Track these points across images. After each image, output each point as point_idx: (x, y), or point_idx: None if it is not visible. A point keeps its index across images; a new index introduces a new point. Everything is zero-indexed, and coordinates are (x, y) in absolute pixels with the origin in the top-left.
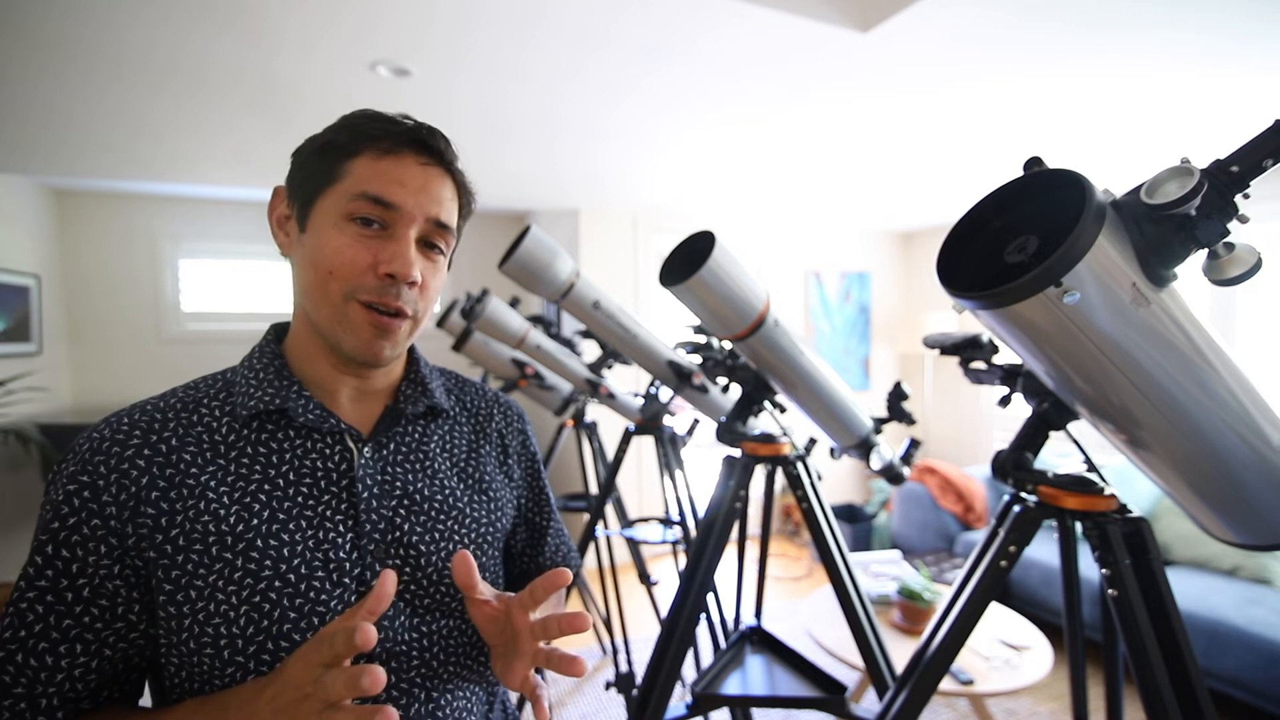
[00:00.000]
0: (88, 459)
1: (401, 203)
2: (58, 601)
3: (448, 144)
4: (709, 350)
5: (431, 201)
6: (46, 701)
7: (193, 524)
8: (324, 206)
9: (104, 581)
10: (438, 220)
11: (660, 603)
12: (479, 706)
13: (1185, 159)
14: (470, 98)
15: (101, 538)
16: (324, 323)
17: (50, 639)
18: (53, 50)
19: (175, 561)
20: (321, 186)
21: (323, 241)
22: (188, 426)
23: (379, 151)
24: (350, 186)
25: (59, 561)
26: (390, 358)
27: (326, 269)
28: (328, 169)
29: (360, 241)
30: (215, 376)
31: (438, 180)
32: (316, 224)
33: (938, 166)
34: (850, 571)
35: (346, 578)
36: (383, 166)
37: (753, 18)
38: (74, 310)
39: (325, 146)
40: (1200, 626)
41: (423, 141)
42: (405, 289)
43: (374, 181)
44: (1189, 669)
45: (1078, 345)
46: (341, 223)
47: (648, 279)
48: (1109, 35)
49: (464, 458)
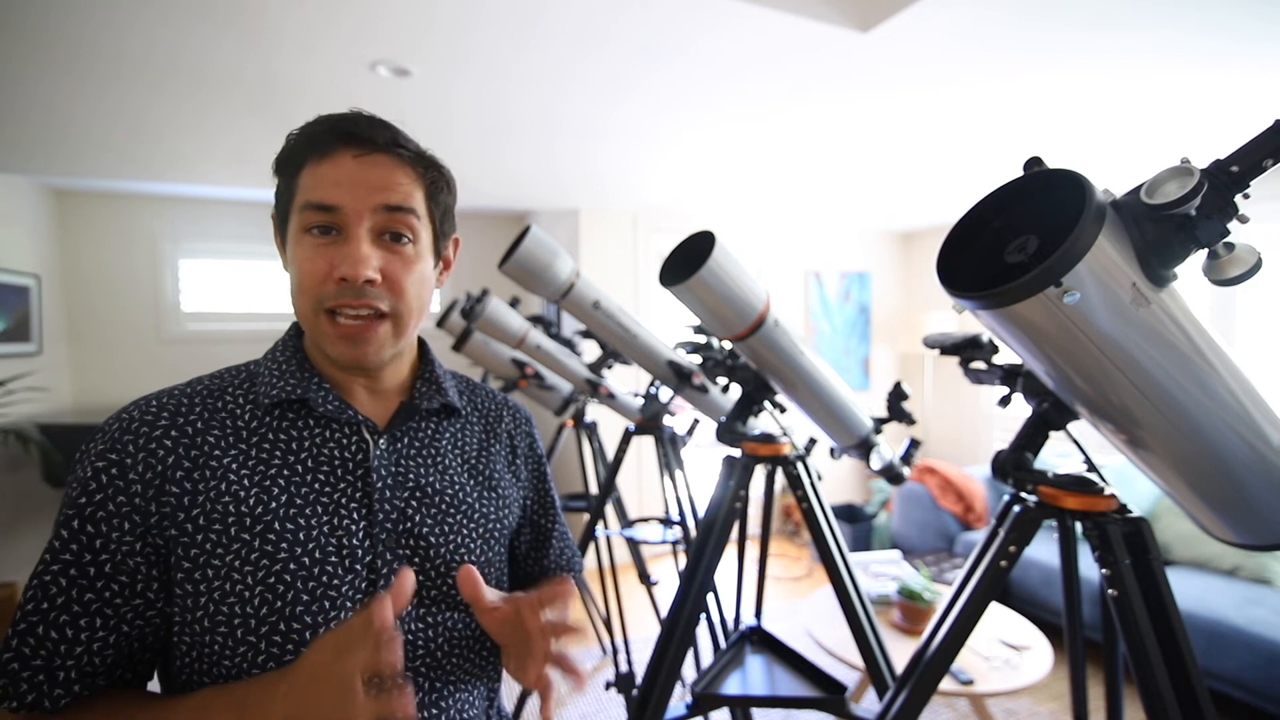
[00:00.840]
0: (117, 438)
1: (340, 202)
2: (80, 575)
3: (382, 127)
4: (709, 350)
5: (374, 191)
6: (64, 674)
7: (213, 504)
8: (291, 224)
9: (125, 558)
10: (387, 205)
11: (660, 603)
12: (480, 701)
13: (1185, 159)
14: (470, 98)
15: (126, 514)
16: (309, 335)
17: (71, 611)
18: (53, 50)
19: (195, 540)
20: (287, 206)
21: (292, 259)
22: (213, 412)
23: (317, 157)
24: (299, 200)
25: (84, 536)
26: (379, 360)
27: (296, 285)
28: (287, 185)
29: (317, 251)
30: (239, 367)
31: (380, 168)
32: (289, 242)
33: (938, 166)
34: (850, 571)
35: (358, 564)
36: (321, 171)
37: (753, 18)
38: (74, 310)
39: (281, 166)
40: (1200, 626)
41: (350, 133)
42: (366, 288)
43: (314, 189)
44: (1189, 669)
45: (1078, 345)
46: (300, 236)
47: (648, 279)
48: (1109, 35)
49: (474, 455)
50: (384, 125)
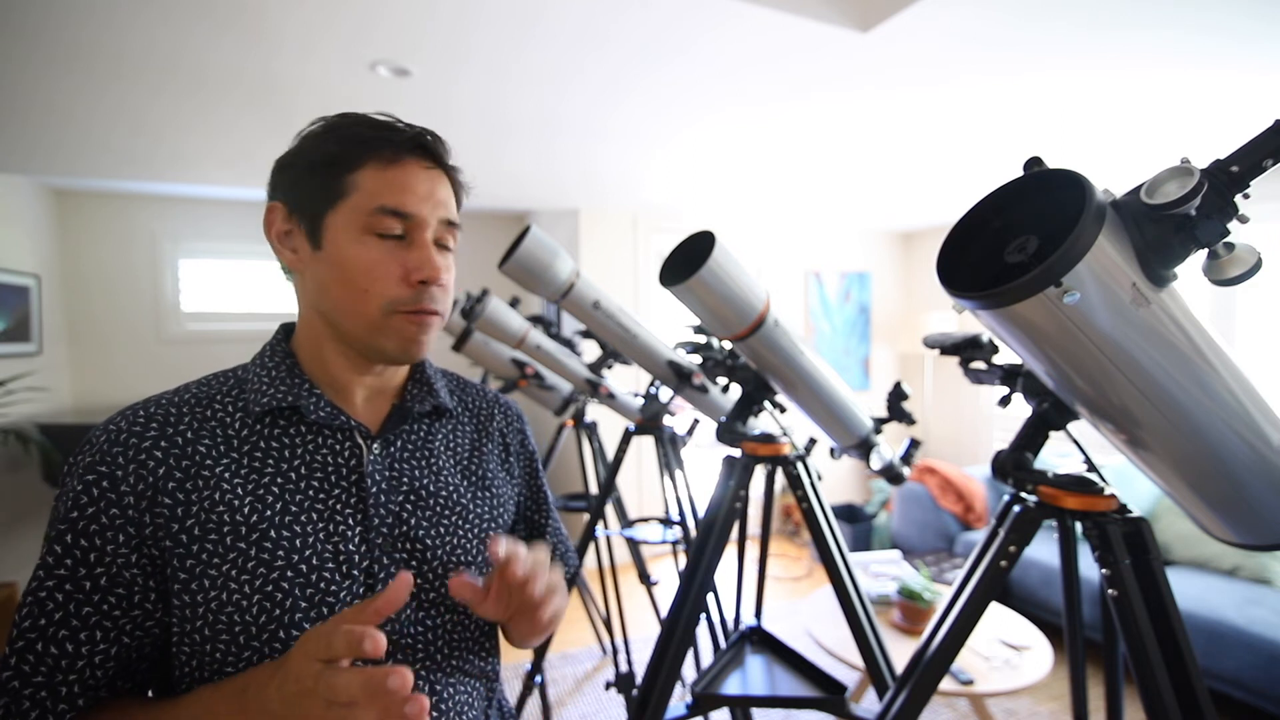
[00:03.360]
0: (106, 450)
1: (417, 211)
2: (76, 590)
3: (444, 145)
4: (709, 350)
5: (439, 205)
6: (67, 690)
7: (208, 514)
8: (337, 222)
9: (121, 570)
10: (448, 221)
11: (660, 603)
12: (479, 701)
13: (1185, 159)
14: (470, 98)
15: (120, 527)
16: (359, 332)
17: (71, 626)
18: (53, 50)
19: (190, 551)
20: (330, 201)
21: (349, 258)
22: (202, 420)
23: (383, 161)
24: (363, 201)
25: (78, 550)
26: (424, 353)
27: (361, 286)
28: (332, 183)
29: (389, 254)
30: (226, 374)
31: (440, 183)
32: (334, 240)
33: (938, 166)
34: (850, 571)
35: (355, 570)
36: (390, 176)
37: (753, 18)
38: (74, 310)
39: (324, 160)
40: (1200, 626)
41: (425, 147)
42: (435, 290)
43: (387, 194)
44: (1189, 669)
45: (1078, 345)
46: (364, 237)
47: (648, 279)
48: (1109, 35)
49: (467, 455)
50: (443, 142)
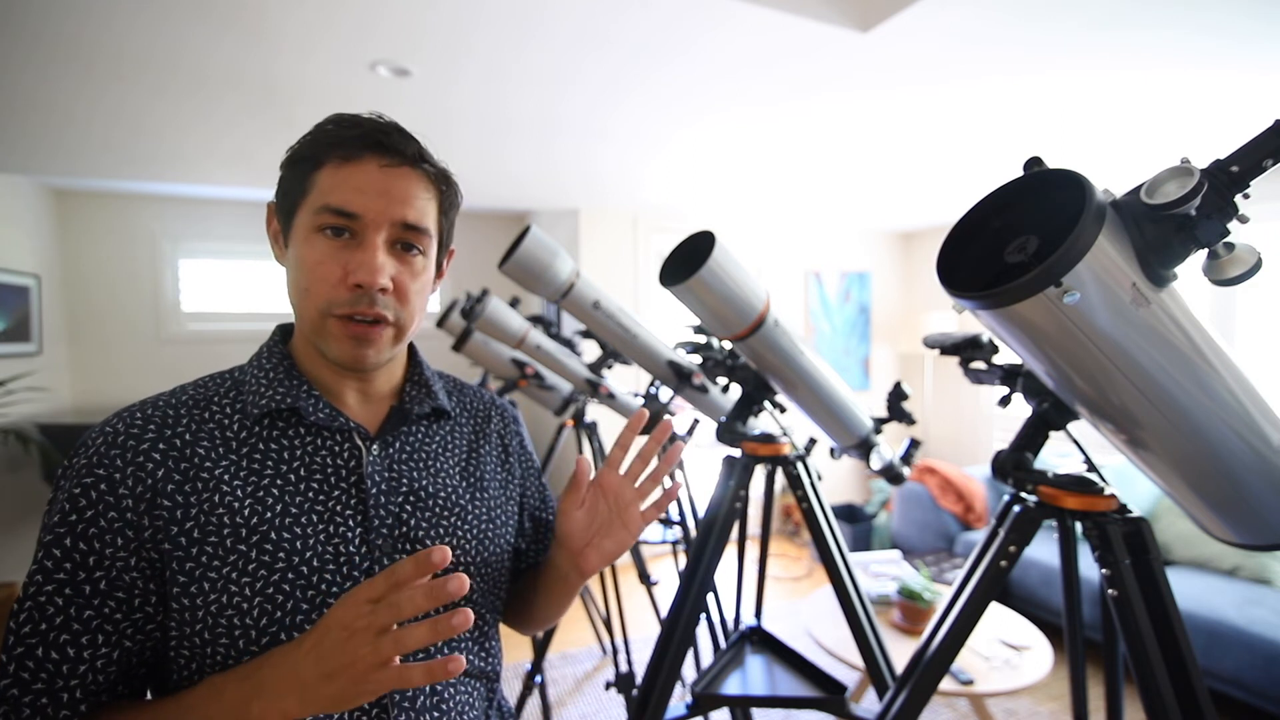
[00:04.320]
0: (103, 452)
1: (362, 210)
2: (76, 594)
3: (410, 140)
4: (709, 350)
5: (395, 204)
6: (69, 695)
7: (207, 517)
8: (299, 221)
9: (121, 574)
10: (404, 223)
11: (660, 603)
12: (479, 702)
13: (1185, 159)
14: (470, 98)
15: (119, 530)
16: (308, 334)
17: (71, 630)
18: (53, 50)
19: (190, 554)
20: (296, 201)
21: (299, 257)
22: (200, 422)
23: (340, 159)
24: (315, 199)
25: (76, 554)
26: (376, 362)
27: (303, 285)
28: (299, 183)
29: (330, 254)
30: (223, 375)
31: (404, 180)
32: (295, 239)
33: (938, 166)
34: (850, 571)
35: (356, 571)
36: (343, 174)
37: (753, 18)
38: (74, 310)
39: (295, 159)
40: (1200, 626)
41: (380, 143)
42: (379, 295)
43: (335, 192)
44: (1189, 669)
45: (1078, 345)
46: (312, 236)
47: (648, 279)
48: (1109, 35)
49: (465, 457)
50: (412, 138)
